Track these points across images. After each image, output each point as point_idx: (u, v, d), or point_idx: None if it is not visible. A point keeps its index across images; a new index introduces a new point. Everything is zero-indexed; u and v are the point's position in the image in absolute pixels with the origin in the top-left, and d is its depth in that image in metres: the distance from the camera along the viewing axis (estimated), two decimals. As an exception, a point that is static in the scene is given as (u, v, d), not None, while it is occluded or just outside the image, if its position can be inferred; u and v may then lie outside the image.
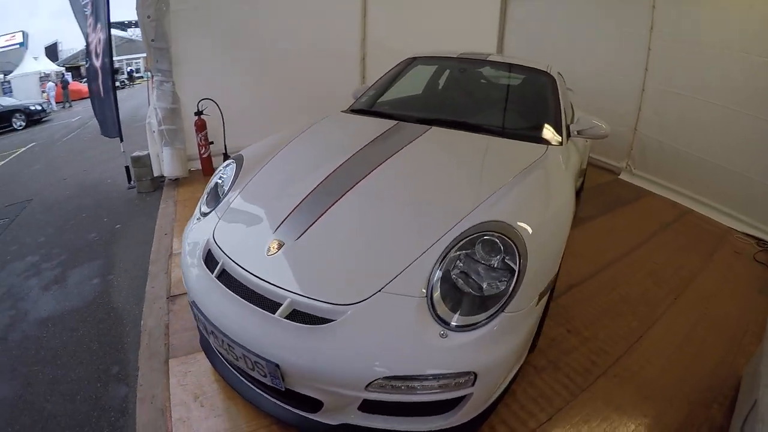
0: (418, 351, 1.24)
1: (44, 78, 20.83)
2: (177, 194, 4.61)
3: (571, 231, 3.30)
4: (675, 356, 2.28)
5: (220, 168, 2.29)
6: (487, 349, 1.26)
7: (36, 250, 4.12)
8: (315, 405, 1.41)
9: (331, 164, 1.98)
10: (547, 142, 2.28)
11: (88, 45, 5.42)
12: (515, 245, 1.38)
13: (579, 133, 2.45)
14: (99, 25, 4.81)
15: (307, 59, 5.32)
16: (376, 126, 2.42)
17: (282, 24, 5.15)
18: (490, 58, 3.06)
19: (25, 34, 23.50)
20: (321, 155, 2.18)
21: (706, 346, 2.37)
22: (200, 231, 1.88)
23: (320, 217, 1.65)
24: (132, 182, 5.37)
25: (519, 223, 1.49)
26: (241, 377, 1.67)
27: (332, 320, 1.29)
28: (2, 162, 9.17)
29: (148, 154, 5.05)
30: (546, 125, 2.46)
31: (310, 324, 1.31)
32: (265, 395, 1.58)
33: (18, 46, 23.14)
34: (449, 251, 1.40)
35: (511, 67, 3.02)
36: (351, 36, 5.72)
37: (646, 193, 4.52)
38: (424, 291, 1.32)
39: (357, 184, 1.82)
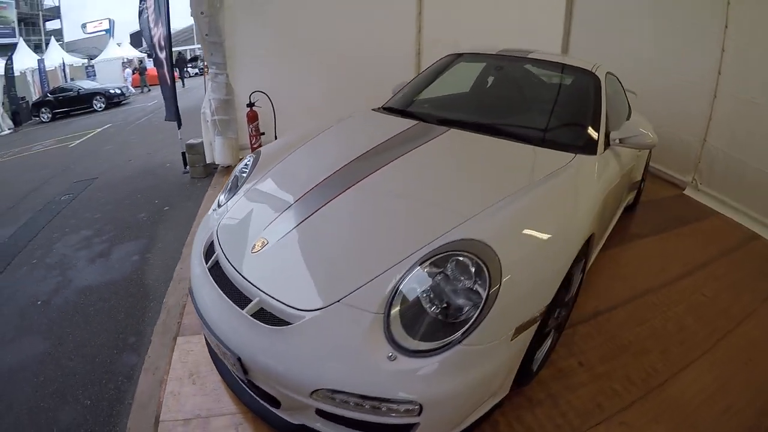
0: (363, 370, 1.21)
1: (126, 64, 22.84)
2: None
3: (615, 249, 3.07)
4: (699, 412, 1.93)
5: (244, 160, 2.46)
6: (436, 382, 1.19)
7: (91, 225, 4.60)
8: (275, 401, 1.47)
9: (336, 164, 2.04)
10: (577, 150, 2.11)
11: (151, 38, 5.95)
12: (488, 271, 1.27)
13: (621, 141, 2.25)
14: (160, 22, 5.28)
15: (360, 53, 5.39)
16: (395, 125, 2.42)
17: (335, 17, 5.29)
18: (531, 56, 2.90)
19: (111, 22, 25.95)
20: (331, 155, 2.24)
21: (738, 404, 2.00)
22: (212, 221, 2.04)
23: (307, 218, 1.70)
24: (186, 168, 5.81)
25: (502, 245, 1.37)
26: (224, 362, 1.80)
27: (290, 324, 1.35)
28: (79, 141, 10.23)
29: (202, 142, 5.44)
30: (579, 131, 2.32)
31: (272, 324, 1.38)
32: (241, 383, 1.69)
33: (104, 32, 25.55)
34: (416, 268, 1.33)
35: (552, 66, 2.87)
36: (406, 30, 5.75)
37: (711, 213, 4.01)
38: (382, 308, 1.27)
39: (352, 186, 1.84)
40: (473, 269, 1.29)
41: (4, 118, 14.74)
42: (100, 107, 16.12)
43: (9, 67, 15.40)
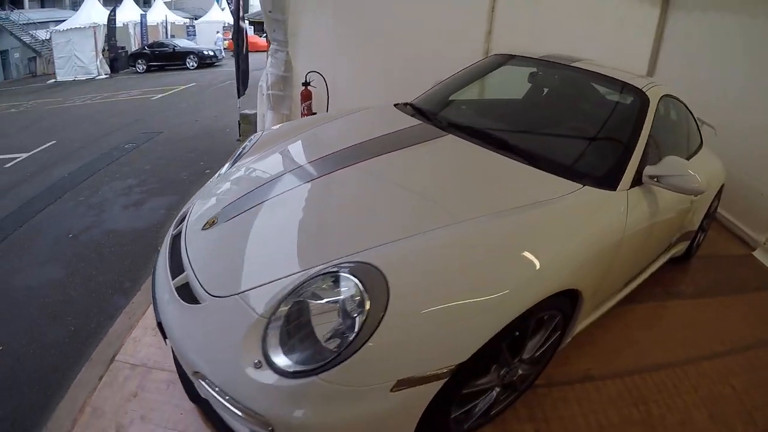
0: (231, 368, 1.22)
1: (227, 27, 24.49)
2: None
3: (642, 306, 2.63)
4: None
5: (252, 137, 2.68)
6: (288, 407, 1.14)
7: (138, 175, 5.16)
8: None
9: (313, 156, 2.10)
10: (588, 181, 1.83)
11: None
12: (370, 304, 1.15)
13: (657, 180, 1.94)
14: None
15: (423, 48, 5.35)
16: (396, 123, 2.35)
17: (402, 8, 5.36)
18: (575, 64, 2.65)
19: (218, -16, 27.80)
20: (316, 146, 2.29)
21: None
22: (204, 191, 2.19)
23: (259, 204, 1.77)
24: (239, 136, 6.27)
25: (400, 279, 1.23)
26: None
27: (198, 304, 1.41)
28: (161, 95, 11.27)
29: (256, 114, 5.85)
30: (598, 159, 2.07)
31: (187, 301, 1.44)
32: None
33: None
34: (309, 281, 1.27)
35: (596, 78, 2.61)
36: (476, 30, 5.72)
37: None
38: (268, 313, 1.25)
39: (312, 180, 1.88)
40: (357, 299, 1.17)
41: (103, 64, 16.59)
42: (192, 66, 17.56)
43: (111, 18, 17.21)
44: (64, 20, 17.46)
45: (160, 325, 1.51)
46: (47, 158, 6.42)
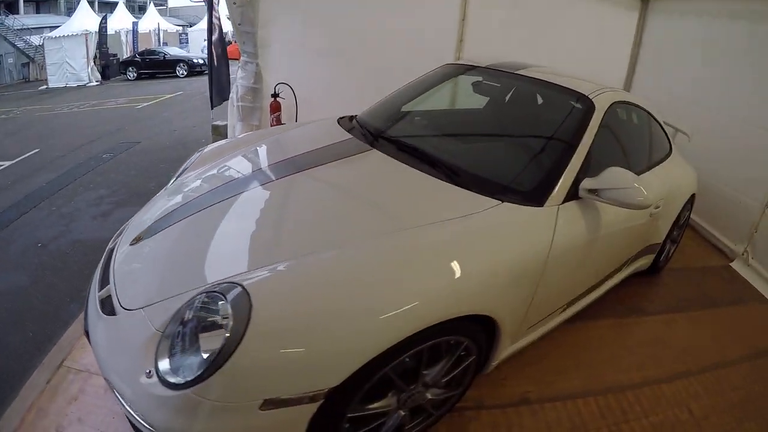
0: (130, 377, 1.30)
1: (219, 35, 24.84)
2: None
3: (596, 323, 2.43)
4: None
5: (196, 152, 2.68)
6: (168, 417, 1.20)
7: (110, 185, 5.42)
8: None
9: (244, 171, 2.13)
10: (509, 197, 1.73)
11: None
12: (233, 323, 1.19)
13: (597, 194, 1.80)
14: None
15: (393, 57, 5.25)
16: (332, 136, 2.33)
17: (370, 18, 5.41)
18: (522, 72, 2.49)
19: (214, -7, 28.14)
20: (252, 162, 2.32)
21: None
22: (146, 206, 2.24)
23: (179, 222, 1.79)
24: (211, 146, 6.49)
25: (265, 298, 1.25)
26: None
27: (113, 316, 1.47)
28: (146, 104, 11.54)
29: (226, 125, 6.08)
30: (521, 173, 1.95)
31: (106, 312, 1.50)
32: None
33: (203, 2, 27.76)
34: (196, 298, 1.31)
35: (541, 87, 2.45)
36: (446, 39, 5.59)
37: (756, 298, 3.15)
38: (163, 326, 1.31)
39: (235, 196, 1.89)
40: (225, 318, 1.21)
41: (94, 71, 16.86)
42: (182, 74, 17.79)
43: (103, 26, 17.47)
44: (58, 26, 17.71)
45: (87, 333, 1.59)
46: (29, 166, 6.67)
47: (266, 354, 1.19)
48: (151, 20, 21.53)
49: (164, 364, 1.22)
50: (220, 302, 1.24)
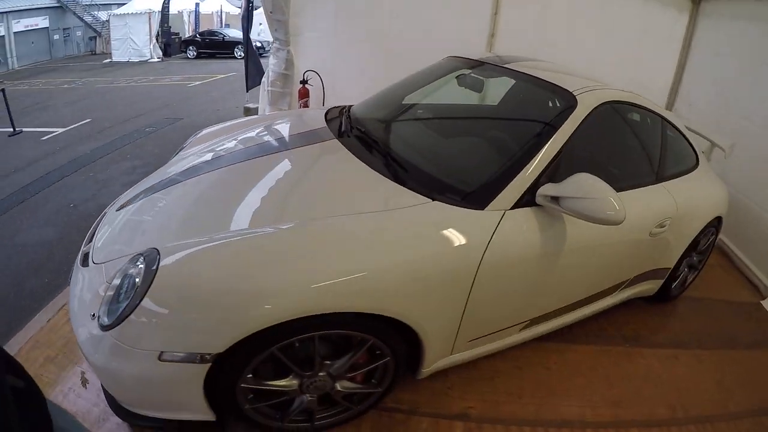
0: (81, 317, 1.51)
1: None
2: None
3: (574, 347, 2.19)
4: None
5: (192, 135, 2.82)
6: (99, 354, 1.41)
7: (145, 157, 5.84)
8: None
9: (227, 150, 2.23)
10: (443, 196, 1.65)
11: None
12: (141, 280, 1.37)
13: (558, 202, 1.60)
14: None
15: (422, 49, 5.13)
16: (313, 123, 2.40)
17: (402, 9, 5.50)
18: (512, 65, 2.35)
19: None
20: (237, 142, 2.36)
21: None
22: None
23: (153, 195, 1.94)
24: (247, 128, 6.85)
25: (173, 263, 1.40)
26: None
27: (86, 267, 1.66)
28: (198, 83, 12.13)
29: (257, 108, 6.40)
30: (477, 172, 1.83)
31: (82, 264, 1.69)
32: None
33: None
34: (133, 257, 1.49)
35: (527, 81, 2.32)
36: (479, 30, 5.56)
37: None
38: (111, 278, 1.49)
39: (208, 173, 2.03)
40: (138, 277, 1.39)
41: (155, 48, 17.89)
42: (240, 55, 18.46)
43: (165, 6, 18.56)
44: (125, 3, 18.79)
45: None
46: (79, 134, 7.25)
47: (161, 312, 1.35)
48: (215, 2, 22.42)
49: (102, 310, 1.41)
50: (138, 263, 1.43)
